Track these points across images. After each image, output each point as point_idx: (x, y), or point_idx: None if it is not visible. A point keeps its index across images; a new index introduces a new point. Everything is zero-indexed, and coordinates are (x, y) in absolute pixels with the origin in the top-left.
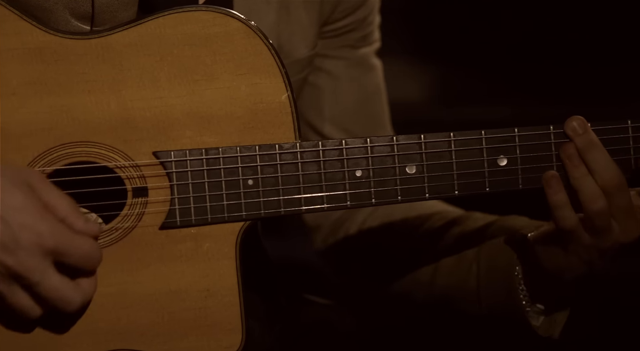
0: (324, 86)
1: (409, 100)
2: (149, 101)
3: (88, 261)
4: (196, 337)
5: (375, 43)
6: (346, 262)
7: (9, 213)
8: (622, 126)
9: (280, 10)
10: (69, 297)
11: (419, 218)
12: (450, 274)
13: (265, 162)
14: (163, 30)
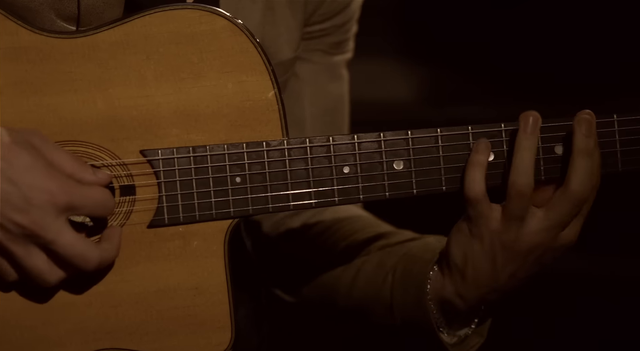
0: (300, 89)
1: (397, 100)
2: (135, 100)
3: (104, 210)
4: (185, 335)
5: (347, 53)
6: (278, 258)
7: (17, 173)
8: (608, 120)
9: (266, 11)
10: (86, 253)
11: (350, 230)
12: (367, 284)
13: (253, 160)
14: (149, 29)
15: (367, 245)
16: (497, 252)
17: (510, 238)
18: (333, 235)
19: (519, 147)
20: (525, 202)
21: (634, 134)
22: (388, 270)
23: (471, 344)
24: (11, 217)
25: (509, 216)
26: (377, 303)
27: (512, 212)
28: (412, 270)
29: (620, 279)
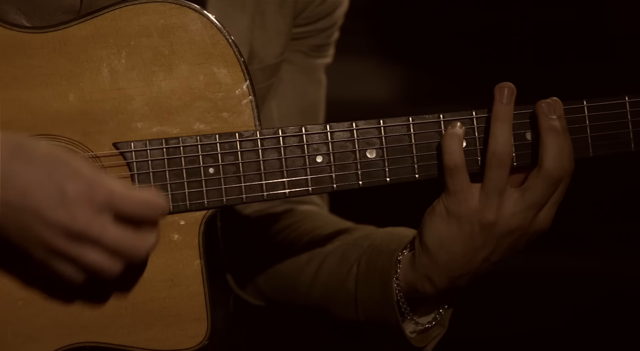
0: (274, 90)
1: (375, 100)
2: (107, 93)
3: (148, 207)
4: (161, 327)
5: (327, 58)
6: (239, 253)
7: (50, 167)
8: (620, 102)
9: (256, 16)
10: (136, 244)
11: (312, 225)
12: (330, 277)
13: (226, 150)
14: (120, 22)
15: (330, 239)
16: (474, 234)
17: (489, 219)
18: (295, 230)
19: (496, 117)
20: (505, 172)
21: (604, 119)
22: (352, 262)
23: (433, 335)
24: (50, 215)
25: (489, 189)
26: (340, 296)
27: (492, 184)
28: (377, 260)
29: (620, 279)
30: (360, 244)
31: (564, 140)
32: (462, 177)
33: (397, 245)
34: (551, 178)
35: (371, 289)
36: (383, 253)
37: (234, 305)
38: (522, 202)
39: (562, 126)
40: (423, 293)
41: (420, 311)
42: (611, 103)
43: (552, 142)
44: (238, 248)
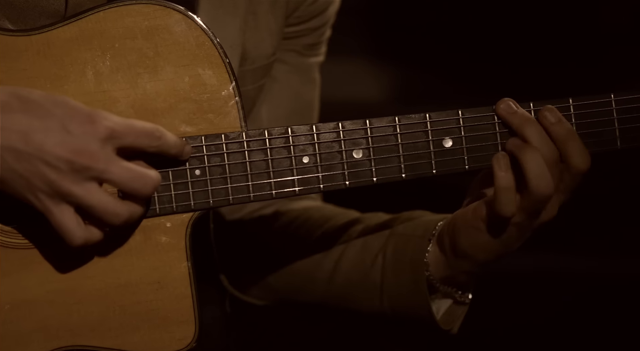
0: (267, 89)
1: (367, 100)
2: (92, 95)
3: (150, 139)
4: (148, 330)
5: (320, 56)
6: (240, 260)
7: (49, 107)
8: (606, 100)
9: (248, 16)
10: (144, 175)
11: (322, 218)
12: (352, 268)
13: (212, 152)
14: (104, 24)
15: (346, 230)
16: (513, 241)
17: (532, 228)
18: (305, 223)
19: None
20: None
21: (590, 117)
22: (376, 252)
23: (457, 314)
24: (55, 151)
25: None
26: (363, 287)
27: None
28: (405, 248)
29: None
30: (381, 233)
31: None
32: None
33: (423, 231)
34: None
35: (400, 277)
36: (410, 241)
37: (230, 306)
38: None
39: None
40: (456, 281)
41: (441, 291)
42: (597, 101)
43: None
44: (237, 250)
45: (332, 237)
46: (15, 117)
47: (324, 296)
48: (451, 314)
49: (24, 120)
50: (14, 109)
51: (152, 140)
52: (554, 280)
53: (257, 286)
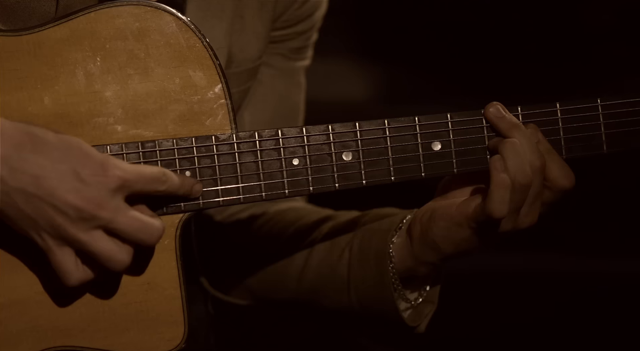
0: (252, 93)
1: (353, 100)
2: (83, 96)
3: (161, 185)
4: (138, 331)
5: (306, 60)
6: (217, 261)
7: (63, 152)
8: (592, 105)
9: (235, 19)
10: (150, 225)
11: (296, 216)
12: (320, 263)
13: (202, 153)
14: (95, 25)
15: (317, 227)
16: (489, 241)
17: (508, 229)
18: (279, 222)
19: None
20: (526, 192)
21: (577, 122)
22: (344, 246)
23: (425, 313)
24: (66, 198)
25: (513, 208)
26: (332, 282)
27: (516, 203)
28: (370, 241)
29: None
30: (349, 229)
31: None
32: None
33: (389, 224)
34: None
35: (365, 270)
36: (376, 234)
37: (213, 307)
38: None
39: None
40: (416, 273)
41: (409, 288)
42: (584, 106)
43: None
44: (217, 251)
45: (303, 234)
46: (29, 158)
47: (296, 293)
48: (418, 312)
49: (38, 162)
50: (27, 149)
51: (159, 184)
52: (548, 279)
53: (236, 287)
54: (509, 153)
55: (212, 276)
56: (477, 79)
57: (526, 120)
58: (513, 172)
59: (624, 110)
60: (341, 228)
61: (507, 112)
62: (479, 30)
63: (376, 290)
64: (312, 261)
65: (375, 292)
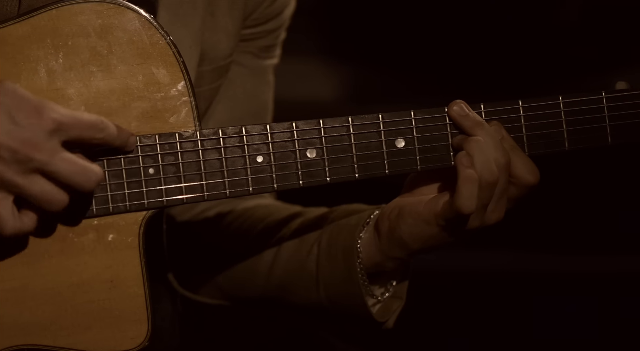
0: (223, 91)
1: (321, 99)
2: (44, 93)
3: (97, 131)
4: (101, 329)
5: (275, 58)
6: (186, 259)
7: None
8: (554, 102)
9: (206, 17)
10: (87, 169)
11: (265, 213)
12: (289, 259)
13: (166, 151)
14: (57, 22)
15: (285, 223)
16: (452, 236)
17: (475, 226)
18: (247, 219)
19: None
20: (493, 190)
21: (539, 119)
22: (312, 242)
23: (393, 308)
24: (2, 142)
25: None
26: (300, 278)
27: (483, 200)
28: (338, 237)
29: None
30: (318, 225)
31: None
32: (469, 216)
33: (356, 220)
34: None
35: (333, 266)
36: (344, 229)
37: (182, 305)
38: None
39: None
40: (384, 269)
41: (377, 284)
42: (545, 103)
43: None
44: (186, 250)
45: (272, 231)
46: None
47: (265, 290)
48: (386, 308)
49: None
50: None
51: (97, 131)
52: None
53: (205, 285)
54: (474, 151)
55: (181, 275)
56: (445, 78)
57: (489, 117)
58: (479, 169)
59: (585, 108)
60: (310, 225)
61: (470, 110)
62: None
63: (344, 286)
64: (280, 257)
65: (344, 288)
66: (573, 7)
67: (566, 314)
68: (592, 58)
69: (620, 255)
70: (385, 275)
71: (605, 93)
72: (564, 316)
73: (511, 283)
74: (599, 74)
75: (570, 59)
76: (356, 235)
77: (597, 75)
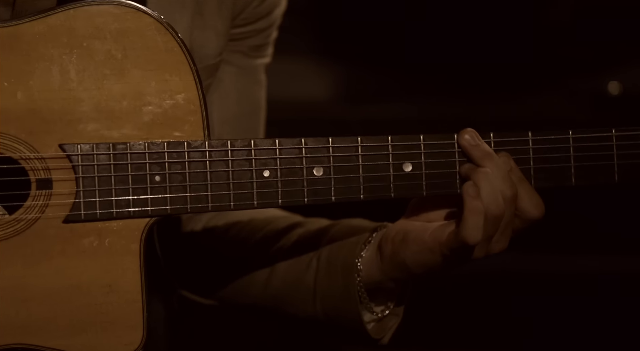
0: (213, 91)
1: (314, 99)
2: (56, 93)
3: None
4: (96, 333)
5: (267, 57)
6: (187, 261)
7: None
8: (563, 136)
9: (195, 16)
10: None
11: (264, 220)
12: (287, 271)
13: (173, 159)
14: (73, 23)
15: (285, 233)
16: (458, 265)
17: (480, 256)
18: (246, 226)
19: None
20: (499, 223)
21: (547, 153)
22: (312, 255)
23: (389, 325)
24: None
25: (486, 237)
26: (298, 290)
27: (488, 233)
28: (338, 254)
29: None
30: (318, 238)
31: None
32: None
33: (357, 237)
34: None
35: (332, 281)
36: (344, 247)
37: (178, 303)
38: None
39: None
40: (383, 287)
41: (376, 301)
42: (555, 137)
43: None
44: (183, 252)
45: (271, 241)
46: None
47: (261, 299)
48: (383, 324)
49: None
50: None
51: None
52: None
53: (202, 286)
54: (482, 183)
55: (180, 273)
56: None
57: (497, 148)
58: (486, 201)
59: (594, 144)
60: (309, 237)
61: (480, 140)
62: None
63: (342, 302)
64: (278, 269)
65: (341, 303)
66: (564, 7)
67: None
68: (583, 58)
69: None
70: (385, 292)
71: (616, 131)
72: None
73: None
74: (590, 74)
75: (562, 59)
76: (357, 253)
77: (589, 76)
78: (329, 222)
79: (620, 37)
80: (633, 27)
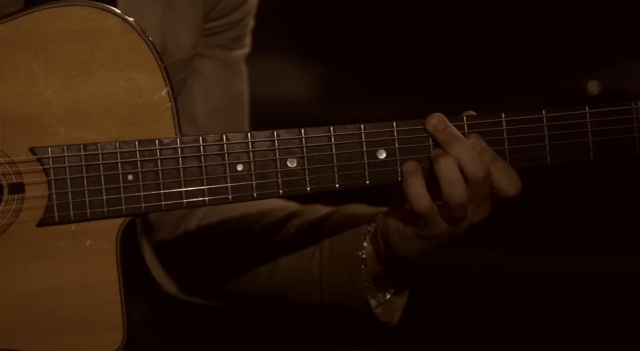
0: (195, 86)
1: (295, 99)
2: (24, 97)
3: None
4: (76, 335)
5: (246, 48)
6: (184, 260)
7: None
8: (537, 116)
9: (165, 10)
10: None
11: (260, 213)
12: (290, 264)
13: (145, 157)
14: (38, 25)
15: (283, 224)
16: (444, 242)
17: (461, 230)
18: (242, 219)
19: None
20: (465, 206)
21: (521, 132)
22: (313, 248)
23: (397, 306)
24: None
25: (454, 219)
26: (303, 282)
27: (456, 217)
28: (340, 246)
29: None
30: (317, 229)
31: None
32: (433, 216)
33: (357, 230)
34: None
35: (337, 273)
36: (345, 238)
37: (161, 301)
38: None
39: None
40: (387, 274)
41: (378, 287)
42: (529, 117)
43: None
44: (184, 251)
45: (270, 233)
46: None
47: (267, 292)
48: (390, 306)
49: None
50: None
51: None
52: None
53: (196, 285)
54: (439, 172)
55: (181, 279)
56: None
57: (471, 130)
58: (447, 190)
59: (567, 122)
60: (309, 228)
61: (448, 124)
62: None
63: (348, 290)
64: (281, 262)
65: (348, 292)
66: (545, 7)
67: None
68: (564, 58)
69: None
70: (387, 277)
71: (589, 109)
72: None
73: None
74: (570, 74)
75: (542, 60)
76: (359, 245)
77: (569, 75)
78: (326, 209)
79: (599, 37)
80: (612, 27)
